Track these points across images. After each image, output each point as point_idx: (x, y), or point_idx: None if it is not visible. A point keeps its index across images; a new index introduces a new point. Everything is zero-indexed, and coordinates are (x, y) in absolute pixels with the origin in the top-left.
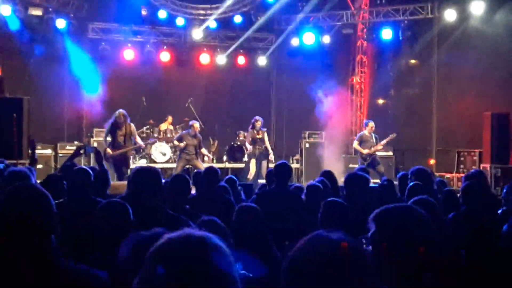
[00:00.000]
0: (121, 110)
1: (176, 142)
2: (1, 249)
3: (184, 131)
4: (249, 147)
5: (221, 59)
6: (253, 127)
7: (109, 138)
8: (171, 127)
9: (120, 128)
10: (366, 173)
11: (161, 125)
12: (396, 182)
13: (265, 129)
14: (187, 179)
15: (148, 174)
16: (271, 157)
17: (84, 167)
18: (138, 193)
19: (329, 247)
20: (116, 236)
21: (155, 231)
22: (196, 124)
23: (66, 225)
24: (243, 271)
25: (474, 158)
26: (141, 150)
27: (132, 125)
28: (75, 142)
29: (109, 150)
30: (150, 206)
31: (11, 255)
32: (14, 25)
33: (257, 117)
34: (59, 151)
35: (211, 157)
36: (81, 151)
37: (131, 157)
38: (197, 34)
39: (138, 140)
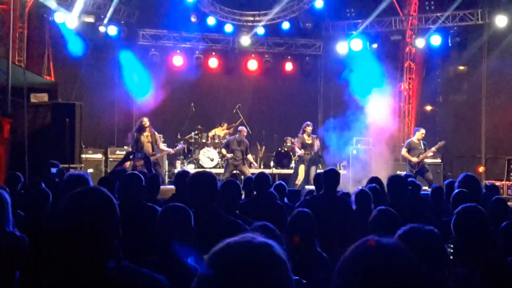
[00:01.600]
0: (142, 118)
1: (224, 151)
2: (67, 252)
3: (230, 137)
4: (298, 151)
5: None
6: (304, 132)
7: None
8: (222, 132)
9: (143, 133)
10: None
11: (215, 130)
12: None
13: (315, 135)
14: (238, 185)
15: (206, 179)
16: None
17: (136, 171)
18: (195, 198)
19: (380, 252)
20: (176, 240)
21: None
22: (244, 130)
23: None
24: (296, 277)
25: None
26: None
27: (156, 133)
28: (125, 147)
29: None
30: (208, 211)
31: (77, 258)
32: (67, 32)
33: (308, 122)
34: (109, 156)
35: (256, 165)
36: (131, 157)
37: (179, 162)
38: (245, 40)
39: (162, 147)
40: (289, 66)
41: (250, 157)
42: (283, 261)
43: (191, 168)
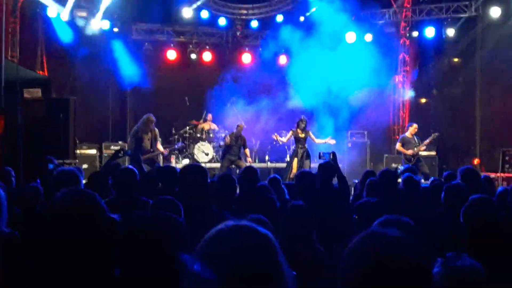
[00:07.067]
0: (149, 115)
1: (222, 143)
2: (56, 254)
3: (228, 132)
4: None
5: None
6: (297, 126)
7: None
8: (210, 125)
9: (146, 133)
10: (413, 172)
11: (204, 124)
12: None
13: (309, 130)
14: (233, 179)
15: (196, 172)
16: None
17: (130, 166)
18: (185, 190)
19: (386, 244)
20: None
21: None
22: (241, 125)
23: None
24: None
25: None
26: (178, 151)
27: (156, 130)
28: (120, 142)
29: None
30: (196, 203)
31: (68, 260)
32: (60, 26)
33: (302, 117)
34: (104, 151)
35: (251, 160)
36: (120, 154)
37: (173, 156)
38: None
39: (159, 146)
40: (283, 60)
41: (247, 151)
42: (269, 238)
43: (186, 163)
